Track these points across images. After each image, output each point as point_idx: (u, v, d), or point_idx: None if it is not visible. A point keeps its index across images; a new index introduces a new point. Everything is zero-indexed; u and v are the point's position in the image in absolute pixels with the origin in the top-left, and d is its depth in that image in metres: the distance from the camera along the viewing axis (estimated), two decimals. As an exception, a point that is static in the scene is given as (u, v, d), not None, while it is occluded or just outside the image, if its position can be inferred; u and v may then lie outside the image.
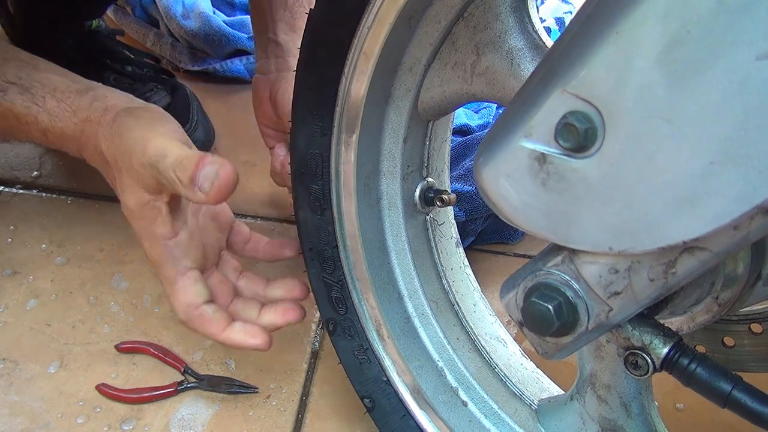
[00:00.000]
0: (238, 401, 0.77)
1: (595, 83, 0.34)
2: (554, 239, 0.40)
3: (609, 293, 0.41)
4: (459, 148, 0.98)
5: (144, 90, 1.08)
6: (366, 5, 0.49)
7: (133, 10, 1.40)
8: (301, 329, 0.86)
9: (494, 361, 0.64)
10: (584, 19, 0.35)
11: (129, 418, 0.74)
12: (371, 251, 0.61)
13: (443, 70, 0.52)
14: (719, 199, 0.32)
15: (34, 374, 0.78)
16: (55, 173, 1.05)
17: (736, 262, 0.45)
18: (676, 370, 0.43)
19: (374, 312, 0.63)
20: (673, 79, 0.31)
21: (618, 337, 0.46)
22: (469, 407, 0.62)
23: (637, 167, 0.34)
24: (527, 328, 0.46)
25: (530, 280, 0.45)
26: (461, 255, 0.68)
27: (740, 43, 0.29)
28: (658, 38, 0.31)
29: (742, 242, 0.33)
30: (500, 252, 1.02)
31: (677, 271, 0.37)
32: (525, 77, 0.45)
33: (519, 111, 0.38)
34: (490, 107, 1.11)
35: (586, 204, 0.37)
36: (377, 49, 0.50)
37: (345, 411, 0.77)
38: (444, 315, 0.65)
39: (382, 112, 0.56)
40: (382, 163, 0.59)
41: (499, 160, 0.40)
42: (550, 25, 1.26)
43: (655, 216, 0.34)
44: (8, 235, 0.94)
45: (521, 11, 0.47)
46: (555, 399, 0.59)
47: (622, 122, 0.34)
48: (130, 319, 0.85)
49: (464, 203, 0.91)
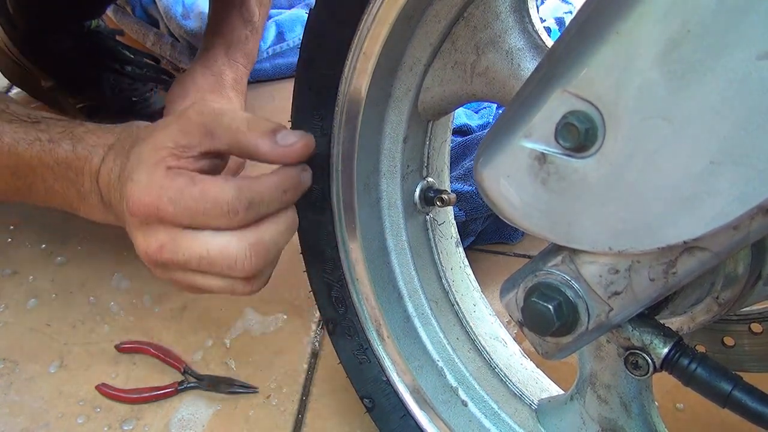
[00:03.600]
0: (238, 401, 0.77)
1: (595, 83, 0.34)
2: (554, 239, 0.40)
3: (609, 293, 0.41)
4: (459, 148, 0.98)
5: (144, 90, 1.08)
6: (366, 5, 0.49)
7: (133, 10, 1.40)
8: (301, 329, 0.86)
9: (494, 361, 0.64)
10: (584, 19, 0.35)
11: (129, 418, 0.74)
12: (371, 251, 0.61)
13: (443, 70, 0.52)
14: (719, 199, 0.32)
15: (34, 374, 0.78)
16: (55, 173, 1.05)
17: (736, 262, 0.45)
18: (676, 370, 0.43)
19: (374, 312, 0.63)
20: (673, 79, 0.31)
21: (618, 336, 0.46)
22: (469, 407, 0.62)
23: (637, 167, 0.34)
24: (527, 328, 0.46)
25: (530, 280, 0.45)
26: (461, 255, 0.68)
27: (740, 43, 0.29)
28: (658, 38, 0.31)
29: (742, 242, 0.33)
30: (500, 252, 1.02)
31: (677, 271, 0.37)
32: (525, 77, 0.45)
33: (519, 111, 0.38)
34: (490, 107, 1.11)
35: (587, 204, 0.37)
36: (377, 49, 0.50)
37: (345, 411, 0.77)
38: (444, 315, 0.65)
39: (382, 112, 0.56)
40: (382, 163, 0.59)
41: (499, 160, 0.40)
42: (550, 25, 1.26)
43: (655, 216, 0.34)
44: (8, 235, 0.94)
45: (521, 11, 0.47)
46: (555, 399, 0.59)
47: (623, 122, 0.34)
48: (130, 319, 0.85)
49: (464, 203, 0.91)
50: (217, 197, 0.50)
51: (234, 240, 0.51)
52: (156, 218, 0.51)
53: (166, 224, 0.51)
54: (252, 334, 0.85)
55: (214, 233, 0.51)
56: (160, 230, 0.51)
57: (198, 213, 0.50)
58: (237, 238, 0.51)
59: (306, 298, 0.90)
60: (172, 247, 0.51)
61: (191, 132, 0.52)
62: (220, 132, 0.52)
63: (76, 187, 0.61)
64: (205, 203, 0.50)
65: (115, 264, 0.92)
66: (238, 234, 0.51)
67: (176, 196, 0.50)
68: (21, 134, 0.61)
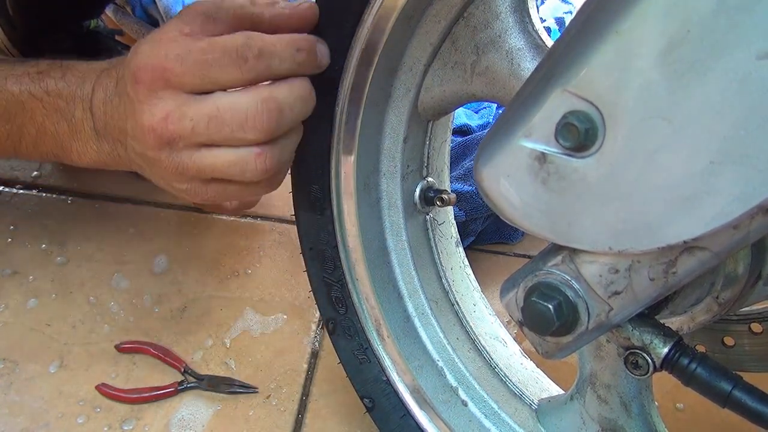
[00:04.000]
0: (238, 401, 0.77)
1: (595, 83, 0.34)
2: (554, 239, 0.40)
3: (609, 293, 0.41)
4: (459, 148, 0.98)
5: (144, 90, 1.08)
6: (366, 5, 0.49)
7: (133, 10, 1.40)
8: (301, 329, 0.86)
9: (494, 361, 0.64)
10: (584, 19, 0.35)
11: (129, 418, 0.74)
12: (371, 251, 0.61)
13: (443, 70, 0.52)
14: (719, 198, 0.32)
15: (34, 374, 0.78)
16: (55, 173, 1.05)
17: (736, 262, 0.45)
18: (676, 369, 0.43)
19: (374, 312, 0.63)
20: (673, 79, 0.31)
21: (618, 336, 0.46)
22: (469, 407, 0.62)
23: (637, 167, 0.34)
24: (527, 328, 0.46)
25: (530, 280, 0.45)
26: (461, 255, 0.68)
27: (740, 43, 0.29)
28: (658, 38, 0.31)
29: (742, 242, 0.33)
30: (500, 252, 1.02)
31: (677, 271, 0.37)
32: (525, 77, 0.45)
33: (519, 111, 0.38)
34: (490, 107, 1.11)
35: (587, 203, 0.37)
36: (377, 49, 0.50)
37: (345, 411, 0.77)
38: (444, 315, 0.65)
39: (382, 112, 0.56)
40: (382, 163, 0.59)
41: (499, 160, 0.40)
42: (550, 25, 1.25)
43: (655, 216, 0.34)
44: (8, 235, 0.94)
45: (521, 11, 0.47)
46: (555, 399, 0.59)
47: (623, 122, 0.34)
48: (130, 319, 0.85)
49: (464, 203, 0.91)
50: (226, 44, 0.48)
51: (244, 94, 0.49)
52: (162, 81, 0.48)
53: (174, 88, 0.49)
54: (252, 334, 0.85)
55: (220, 93, 0.49)
56: (167, 96, 0.49)
57: (206, 65, 0.48)
58: (248, 92, 0.49)
59: (306, 298, 0.90)
60: (179, 114, 0.49)
61: (193, 20, 0.50)
62: (221, 14, 0.50)
63: (66, 118, 0.59)
64: (214, 52, 0.48)
65: (115, 264, 0.92)
66: (250, 89, 0.49)
67: (183, 52, 0.48)
68: (8, 70, 0.61)
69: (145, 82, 0.49)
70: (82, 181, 1.03)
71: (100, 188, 1.01)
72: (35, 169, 1.05)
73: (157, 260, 0.93)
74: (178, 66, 0.48)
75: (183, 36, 0.49)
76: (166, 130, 0.49)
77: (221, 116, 0.49)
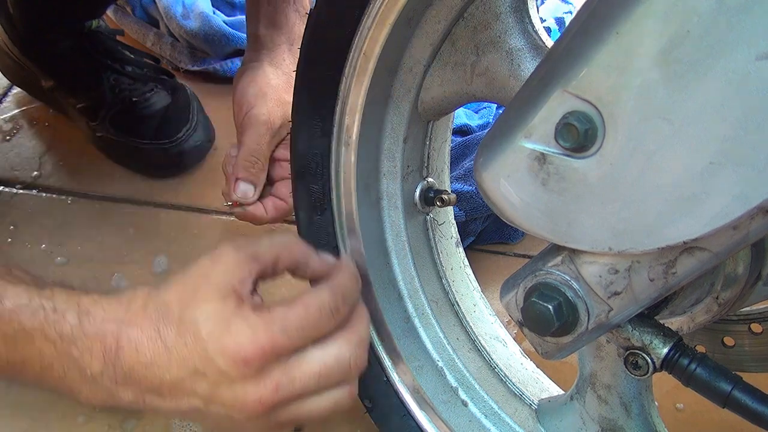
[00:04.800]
0: (238, 401, 0.77)
1: (595, 83, 0.34)
2: (554, 239, 0.40)
3: (609, 293, 0.41)
4: (459, 148, 0.98)
5: (144, 90, 1.08)
6: (366, 5, 0.49)
7: (133, 10, 1.40)
8: (301, 329, 0.86)
9: (494, 361, 0.64)
10: (584, 19, 0.35)
11: (129, 417, 0.74)
12: (371, 251, 0.61)
13: (443, 70, 0.52)
14: (719, 199, 0.32)
15: (34, 374, 0.78)
16: (55, 173, 1.05)
17: (736, 262, 0.45)
18: (676, 370, 0.43)
19: (374, 312, 0.63)
20: (673, 79, 0.31)
21: (618, 337, 0.46)
22: (469, 407, 0.62)
23: (637, 167, 0.34)
24: (527, 328, 0.46)
25: (530, 280, 0.45)
26: (461, 255, 0.68)
27: (740, 43, 0.29)
28: (658, 38, 0.31)
29: (741, 242, 0.33)
30: (500, 252, 1.02)
31: (677, 271, 0.37)
32: (525, 77, 0.45)
33: (519, 111, 0.38)
34: (490, 107, 1.11)
35: (586, 204, 0.37)
36: (377, 49, 0.50)
37: (345, 411, 0.77)
38: (444, 315, 0.65)
39: (382, 112, 0.56)
40: (382, 163, 0.59)
41: (499, 160, 0.40)
42: (550, 25, 1.25)
43: (655, 216, 0.34)
44: (8, 235, 0.94)
45: (521, 11, 0.47)
46: (555, 399, 0.59)
47: (622, 122, 0.34)
48: (130, 319, 0.85)
49: (464, 203, 0.91)
50: (319, 304, 0.50)
51: (344, 345, 0.52)
52: (273, 356, 0.49)
53: (280, 358, 0.50)
54: (252, 334, 0.85)
55: (320, 347, 0.51)
56: (274, 368, 0.50)
57: (309, 328, 0.50)
58: (345, 341, 0.52)
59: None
60: (287, 380, 0.50)
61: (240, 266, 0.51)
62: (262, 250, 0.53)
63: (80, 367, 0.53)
64: (312, 315, 0.50)
65: (115, 264, 0.92)
66: (344, 336, 0.52)
67: (284, 324, 0.49)
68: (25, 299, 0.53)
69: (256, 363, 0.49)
70: (82, 181, 1.03)
71: (100, 188, 1.01)
72: (35, 169, 1.05)
73: (157, 260, 0.93)
74: (284, 338, 0.49)
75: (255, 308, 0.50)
76: (276, 398, 0.50)
77: (328, 372, 0.51)
